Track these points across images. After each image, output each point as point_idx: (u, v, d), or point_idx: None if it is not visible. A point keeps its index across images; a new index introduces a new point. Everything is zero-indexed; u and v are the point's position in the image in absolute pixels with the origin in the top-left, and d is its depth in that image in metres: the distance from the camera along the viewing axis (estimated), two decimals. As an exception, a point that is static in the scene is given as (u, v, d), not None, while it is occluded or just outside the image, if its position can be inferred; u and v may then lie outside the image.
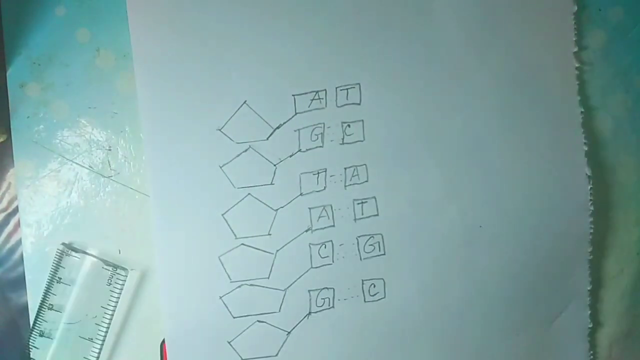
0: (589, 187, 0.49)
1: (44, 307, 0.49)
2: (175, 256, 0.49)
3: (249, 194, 0.49)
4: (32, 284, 0.50)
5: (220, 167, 0.48)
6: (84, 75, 0.49)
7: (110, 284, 0.49)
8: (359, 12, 0.49)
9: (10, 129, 0.50)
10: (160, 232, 0.49)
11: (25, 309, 0.50)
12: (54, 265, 0.49)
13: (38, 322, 0.49)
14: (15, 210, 0.50)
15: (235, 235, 0.49)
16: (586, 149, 0.49)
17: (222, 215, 0.49)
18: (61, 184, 0.50)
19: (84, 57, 0.49)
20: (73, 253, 0.49)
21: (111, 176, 0.50)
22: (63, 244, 0.49)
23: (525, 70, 0.49)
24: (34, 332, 0.49)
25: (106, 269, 0.49)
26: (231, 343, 0.49)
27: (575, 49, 0.49)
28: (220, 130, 0.48)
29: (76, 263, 0.49)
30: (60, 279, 0.49)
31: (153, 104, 0.49)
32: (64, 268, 0.49)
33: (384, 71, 0.49)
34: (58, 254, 0.49)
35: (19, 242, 0.50)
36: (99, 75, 0.49)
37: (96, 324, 0.49)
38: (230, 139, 0.48)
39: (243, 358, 0.49)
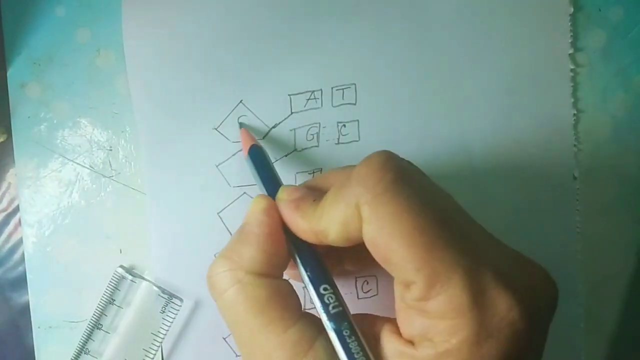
0: (577, 188, 0.49)
1: (94, 326, 0.49)
2: (172, 253, 0.49)
3: (244, 192, 0.49)
4: (33, 283, 0.50)
5: (216, 166, 0.49)
6: (84, 75, 0.50)
7: (163, 311, 0.49)
8: (355, 13, 0.49)
9: (11, 129, 0.50)
10: (156, 230, 0.49)
11: (26, 308, 0.50)
12: (110, 286, 0.49)
13: (85, 340, 0.49)
14: (16, 210, 0.51)
15: (231, 233, 0.49)
16: (576, 151, 0.49)
17: (218, 213, 0.49)
18: (62, 184, 0.50)
19: (84, 57, 0.50)
20: (130, 277, 0.49)
21: (112, 176, 0.50)
22: (122, 266, 0.50)
23: (520, 71, 0.49)
24: (78, 349, 0.49)
25: (162, 296, 0.49)
26: (226, 339, 0.49)
27: (571, 51, 0.49)
28: (216, 129, 0.49)
29: (132, 287, 0.49)
30: (114, 300, 0.49)
31: (147, 104, 0.49)
32: (119, 290, 0.49)
33: (379, 72, 0.49)
34: (116, 276, 0.49)
35: (19, 242, 0.50)
36: (100, 76, 0.50)
37: (144, 349, 0.49)
38: (226, 138, 0.49)
39: (238, 354, 0.49)
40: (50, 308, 0.50)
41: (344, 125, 0.49)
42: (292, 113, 0.49)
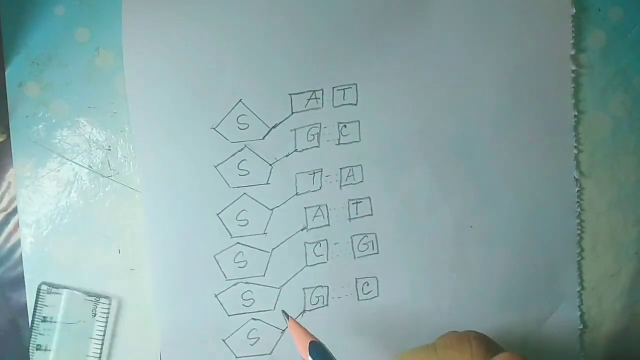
0: (577, 190, 0.49)
1: (33, 348, 0.48)
2: (170, 255, 0.49)
3: (244, 193, 0.49)
4: (31, 283, 0.50)
5: (215, 167, 0.49)
6: (83, 75, 0.50)
7: (95, 315, 0.49)
8: (357, 13, 0.49)
9: (9, 128, 0.50)
10: (153, 232, 0.49)
11: (25, 308, 0.50)
12: (37, 305, 0.49)
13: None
14: (16, 210, 0.50)
15: (230, 235, 0.49)
16: (576, 152, 0.49)
17: (218, 215, 0.49)
18: (61, 184, 0.50)
19: (84, 57, 0.50)
20: (54, 290, 0.49)
21: (111, 176, 0.50)
22: (43, 282, 0.49)
23: (522, 73, 0.49)
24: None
25: (89, 300, 0.48)
26: (226, 341, 0.49)
27: (573, 52, 0.49)
28: (214, 129, 0.49)
29: (58, 299, 0.49)
30: (45, 317, 0.49)
31: (144, 103, 0.49)
32: (48, 306, 0.49)
33: (380, 72, 0.49)
34: (41, 293, 0.49)
35: (19, 242, 0.50)
36: (99, 75, 0.50)
37: (87, 355, 0.49)
38: (226, 138, 0.49)
39: (238, 356, 0.49)
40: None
41: (345, 126, 0.49)
42: (293, 113, 0.49)
